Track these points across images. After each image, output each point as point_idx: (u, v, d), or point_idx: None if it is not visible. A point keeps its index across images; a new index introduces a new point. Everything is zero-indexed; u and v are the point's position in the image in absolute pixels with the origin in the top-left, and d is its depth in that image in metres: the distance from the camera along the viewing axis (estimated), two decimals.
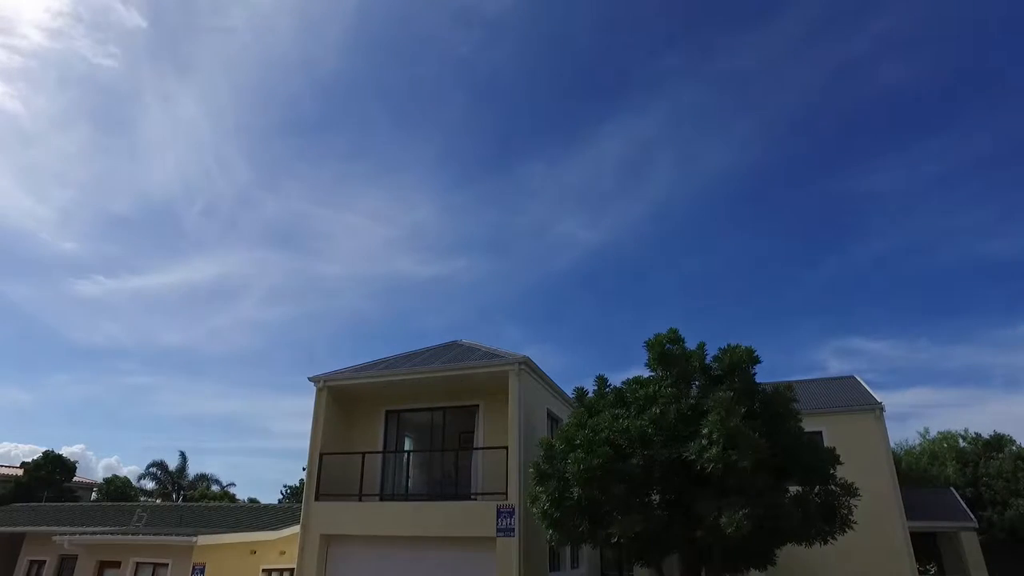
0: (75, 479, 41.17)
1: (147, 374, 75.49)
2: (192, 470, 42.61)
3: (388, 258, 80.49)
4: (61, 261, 67.21)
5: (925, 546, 20.38)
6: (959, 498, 20.42)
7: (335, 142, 67.78)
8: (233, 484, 43.71)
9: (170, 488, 41.98)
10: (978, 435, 26.48)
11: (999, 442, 25.08)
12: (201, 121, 63.17)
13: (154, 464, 41.89)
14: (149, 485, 42.36)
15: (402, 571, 13.45)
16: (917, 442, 30.28)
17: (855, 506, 10.47)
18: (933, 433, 30.09)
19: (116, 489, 41.76)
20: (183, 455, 42.35)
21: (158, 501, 37.82)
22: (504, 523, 12.44)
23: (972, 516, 19.32)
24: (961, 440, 27.38)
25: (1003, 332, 57.26)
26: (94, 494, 42.29)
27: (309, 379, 15.78)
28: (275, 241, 75.43)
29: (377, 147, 68.53)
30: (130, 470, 50.26)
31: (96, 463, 72.04)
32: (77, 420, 74.81)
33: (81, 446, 69.94)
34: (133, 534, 19.74)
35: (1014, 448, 23.22)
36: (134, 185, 66.57)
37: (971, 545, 18.81)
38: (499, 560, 12.31)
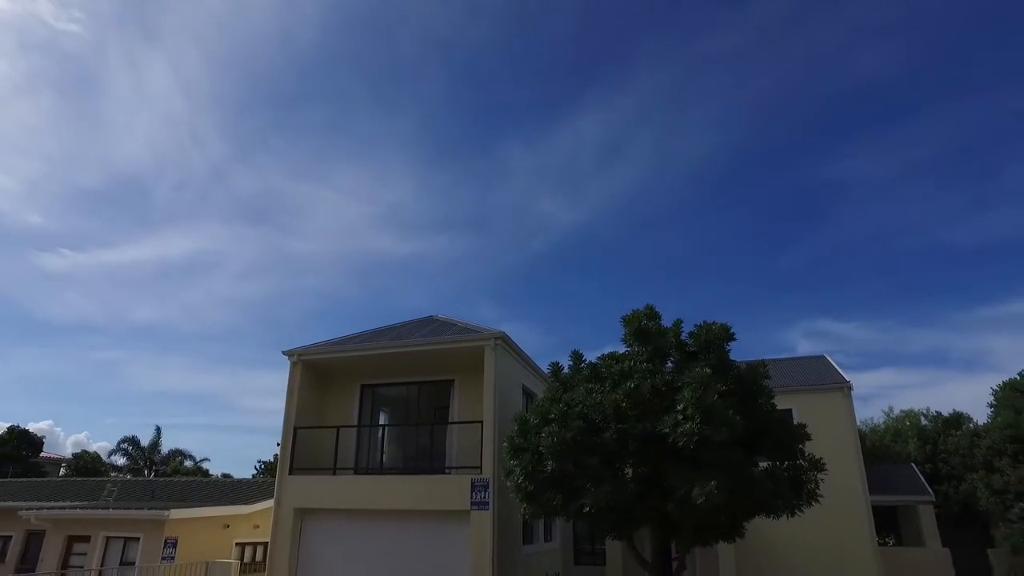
0: (42, 454, 40.46)
1: (117, 349, 74.23)
2: (165, 446, 42.16)
3: (366, 235, 79.57)
4: (26, 234, 65.14)
5: (885, 519, 21.12)
6: (918, 473, 21.13)
7: (312, 117, 66.36)
8: (207, 459, 43.41)
9: (142, 464, 41.46)
10: (938, 414, 27.37)
11: (957, 420, 25.96)
12: (172, 93, 61.19)
13: (125, 440, 41.29)
14: (120, 461, 41.79)
15: (376, 544, 13.50)
16: (881, 420, 31.25)
17: (822, 480, 10.74)
18: (897, 412, 31.08)
19: (85, 465, 41.14)
20: (158, 429, 41.84)
21: (129, 477, 37.36)
22: (478, 496, 12.53)
23: (930, 490, 20.03)
24: (923, 418, 28.27)
25: (963, 316, 59.12)
26: (62, 469, 41.63)
27: (283, 353, 15.59)
28: (251, 216, 73.99)
29: (355, 123, 67.31)
30: (100, 446, 49.44)
31: (64, 439, 70.73)
32: (44, 396, 73.33)
33: (48, 422, 68.49)
34: (103, 508, 19.49)
35: (971, 426, 24.05)
36: (103, 157, 64.57)
37: (927, 517, 19.53)
38: (473, 533, 12.42)
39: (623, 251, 73.32)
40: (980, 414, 30.56)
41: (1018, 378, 18.22)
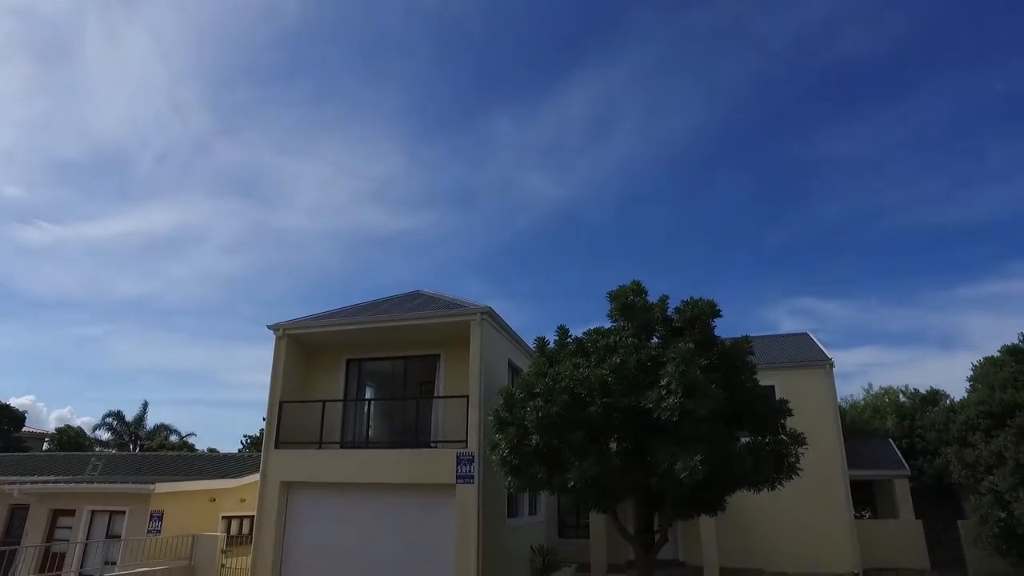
0: (24, 429, 40.09)
1: (101, 324, 73.37)
2: (150, 421, 41.96)
3: (352, 210, 78.80)
4: (2, 206, 63.74)
5: (862, 492, 21.63)
6: (895, 448, 21.62)
7: (298, 89, 65.12)
8: (193, 434, 43.27)
9: (127, 439, 41.26)
10: (916, 391, 27.95)
11: (934, 397, 26.54)
12: (154, 63, 59.69)
13: (110, 414, 41.01)
14: (104, 436, 41.53)
15: (363, 517, 13.61)
16: (861, 397, 31.85)
17: (802, 455, 10.92)
18: (876, 389, 31.68)
19: (69, 439, 40.83)
20: (145, 404, 41.59)
21: (114, 451, 37.21)
22: (464, 470, 12.63)
23: (905, 465, 20.52)
24: (901, 395, 28.86)
25: (942, 295, 60.11)
26: (46, 444, 41.33)
27: (268, 327, 15.49)
28: (235, 190, 72.91)
29: (342, 97, 66.21)
30: (84, 421, 49.09)
31: (47, 414, 70.23)
32: (25, 371, 72.45)
33: (31, 397, 67.82)
34: (88, 482, 19.42)
35: (947, 402, 24.57)
36: (82, 127, 63.05)
37: (902, 491, 20.05)
38: (458, 506, 12.55)
39: (609, 227, 73.38)
40: (957, 391, 31.31)
41: (997, 355, 18.57)
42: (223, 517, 19.62)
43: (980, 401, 17.72)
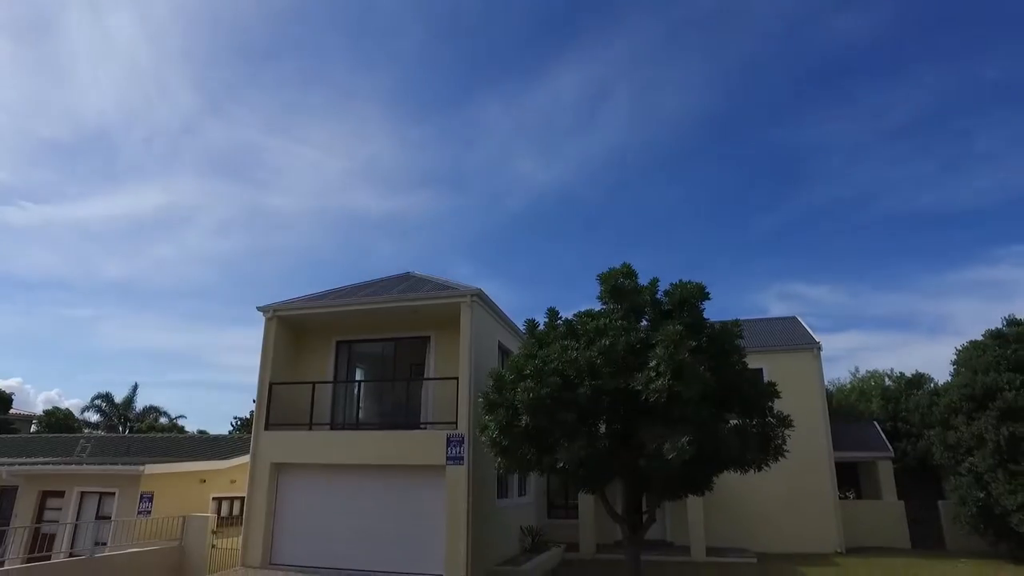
0: (11, 411, 39.86)
1: (88, 306, 72.67)
2: (139, 403, 41.83)
3: (342, 192, 78.17)
4: None
5: (847, 474, 21.98)
6: (880, 431, 21.95)
7: (286, 70, 64.09)
8: (183, 416, 43.20)
9: (116, 421, 41.14)
10: (902, 374, 28.29)
11: (919, 381, 26.88)
12: (138, 41, 58.51)
13: (99, 396, 40.81)
14: (94, 418, 41.37)
15: (353, 498, 13.67)
16: (848, 380, 32.23)
17: (789, 437, 11.04)
18: (862, 372, 32.07)
19: (58, 421, 40.69)
20: (135, 386, 41.44)
21: (103, 433, 37.12)
22: (454, 452, 12.69)
23: (889, 447, 20.85)
24: (887, 379, 29.22)
25: (929, 280, 60.69)
26: (34, 426, 41.14)
27: (258, 309, 15.42)
28: (224, 171, 72.04)
29: (332, 78, 65.24)
30: (72, 403, 48.97)
31: (35, 396, 69.91)
32: (12, 352, 71.69)
33: (17, 380, 67.32)
34: (77, 464, 19.38)
35: (931, 386, 24.91)
36: (65, 107, 61.89)
37: (886, 472, 20.40)
38: (448, 487, 12.63)
39: (599, 211, 73.29)
40: (941, 375, 31.73)
41: (979, 339, 18.81)
42: (213, 498, 19.67)
43: (963, 384, 17.98)
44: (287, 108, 66.48)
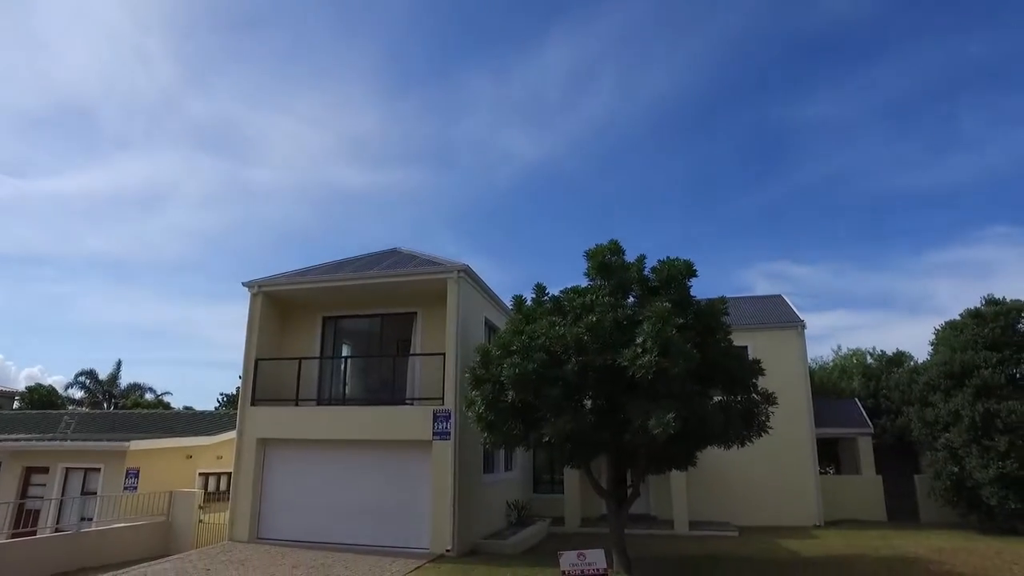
0: None
1: (70, 282, 71.63)
2: (124, 380, 41.54)
3: (327, 166, 77.19)
4: None
5: (828, 449, 22.41)
6: (861, 408, 22.33)
7: (269, 41, 62.73)
8: (168, 393, 43.01)
9: (101, 397, 40.87)
10: (883, 352, 28.77)
11: (900, 359, 27.35)
12: (113, 8, 56.79)
13: (83, 373, 40.51)
14: (78, 394, 41.10)
15: (340, 473, 13.73)
16: (830, 358, 32.71)
17: (772, 413, 11.20)
18: (844, 350, 32.55)
19: (41, 398, 40.33)
20: (119, 363, 41.12)
21: (87, 410, 36.87)
22: (440, 427, 12.76)
23: (869, 423, 21.24)
24: (868, 357, 29.70)
25: (911, 260, 61.45)
26: (16, 403, 40.75)
27: (243, 284, 15.28)
28: (206, 144, 70.77)
29: (315, 49, 63.97)
30: (55, 380, 48.35)
31: (16, 373, 69.05)
32: None
33: None
34: (61, 440, 19.27)
35: (911, 364, 25.36)
36: (41, 78, 60.16)
37: (865, 448, 20.81)
38: (435, 462, 12.71)
39: (586, 187, 73.11)
40: (921, 353, 32.23)
41: (958, 319, 19.10)
42: (200, 474, 19.69)
43: (942, 362, 18.31)
44: (268, 80, 65.22)
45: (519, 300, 11.75)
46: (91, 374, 40.41)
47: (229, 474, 15.80)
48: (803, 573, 11.19)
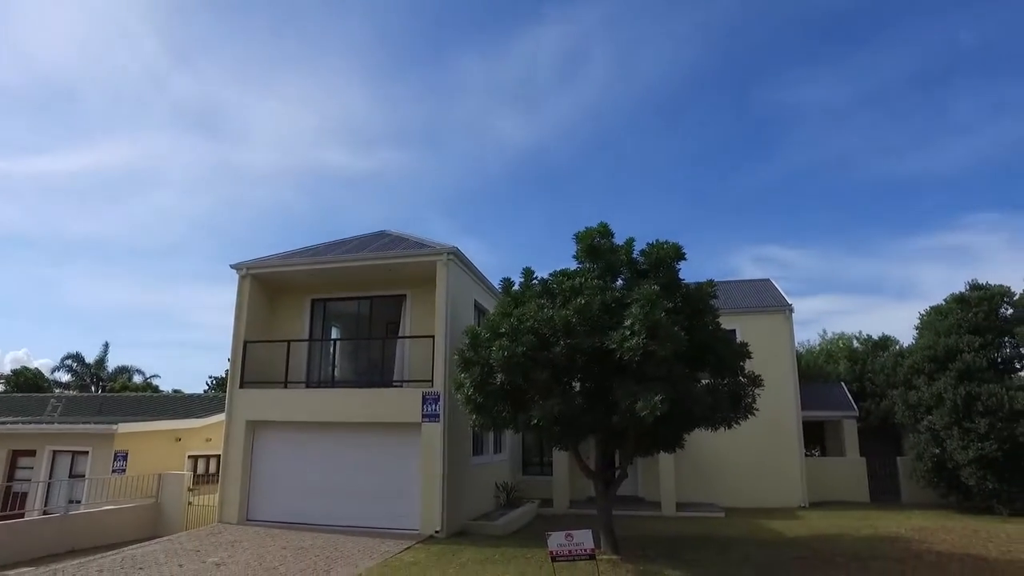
0: None
1: (55, 264, 70.71)
2: (112, 363, 41.26)
3: (315, 148, 76.37)
4: None
5: (814, 432, 22.72)
6: (846, 391, 22.63)
7: (256, 20, 61.64)
8: (157, 376, 42.77)
9: (88, 380, 40.60)
10: (869, 337, 29.10)
11: (885, 343, 27.69)
12: None
13: (69, 356, 40.16)
14: (65, 377, 40.79)
15: (329, 456, 13.76)
16: (817, 342, 33.03)
17: (759, 396, 11.32)
18: (831, 335, 32.87)
19: (26, 381, 40.02)
20: (105, 345, 40.80)
21: (74, 393, 36.63)
22: (429, 409, 12.79)
23: (855, 406, 21.55)
24: (855, 341, 30.03)
25: (898, 245, 61.96)
26: (1, 386, 40.44)
27: (231, 266, 15.17)
28: (192, 125, 69.78)
29: (303, 29, 62.94)
30: (41, 363, 48.02)
31: (1, 356, 68.27)
32: None
33: None
34: (48, 422, 19.15)
35: (896, 348, 25.67)
36: (20, 55, 58.84)
37: (850, 431, 21.12)
38: (424, 445, 12.76)
39: (576, 170, 72.93)
40: (907, 338, 32.64)
41: (943, 303, 19.33)
42: (189, 456, 19.67)
43: (926, 347, 18.55)
44: (256, 60, 64.21)
45: (508, 283, 11.74)
46: (78, 357, 40.10)
47: (218, 456, 15.79)
48: (786, 552, 11.38)
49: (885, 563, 10.30)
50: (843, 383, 23.75)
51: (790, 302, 20.54)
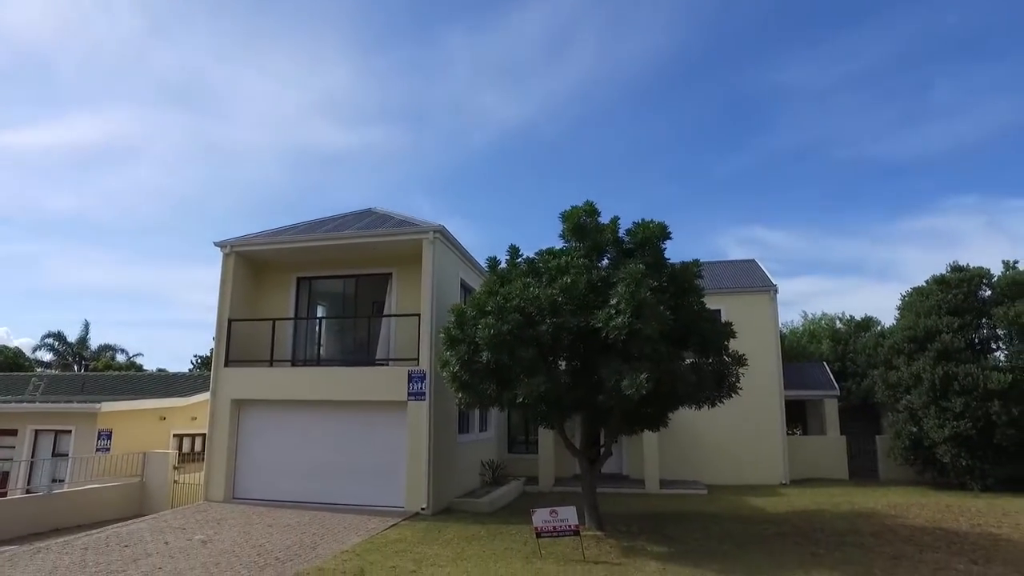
0: None
1: (33, 242, 69.43)
2: (94, 342, 40.82)
3: (299, 125, 75.23)
4: None
5: (796, 411, 23.10)
6: (828, 371, 22.97)
7: None
8: (140, 355, 42.43)
9: (70, 359, 40.20)
10: (851, 317, 29.46)
11: (867, 323, 28.06)
12: None
13: (50, 335, 39.69)
14: (46, 357, 40.35)
15: (315, 434, 13.76)
16: (800, 323, 33.42)
17: (743, 375, 11.44)
18: (814, 315, 33.26)
19: (6, 360, 39.48)
20: (86, 324, 40.34)
21: (56, 372, 36.25)
22: (415, 387, 12.81)
23: (836, 386, 21.89)
24: (837, 321, 30.39)
25: (881, 228, 62.59)
26: None
27: (215, 244, 14.98)
28: (172, 100, 68.38)
29: (286, 1, 61.56)
30: (22, 342, 47.25)
31: None
32: None
33: None
34: (30, 402, 18.98)
35: (878, 329, 26.04)
36: None
37: (831, 410, 21.49)
38: (410, 423, 12.80)
39: (563, 149, 72.62)
40: (889, 318, 33.12)
41: (924, 285, 19.60)
42: (174, 435, 19.61)
43: (906, 327, 18.84)
44: (237, 34, 62.84)
45: (493, 262, 11.72)
46: (59, 336, 39.65)
47: (204, 435, 15.74)
48: (767, 528, 11.62)
49: (861, 537, 10.55)
50: (825, 363, 24.08)
51: (774, 283, 20.72)
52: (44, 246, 69.79)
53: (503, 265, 11.54)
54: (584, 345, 10.03)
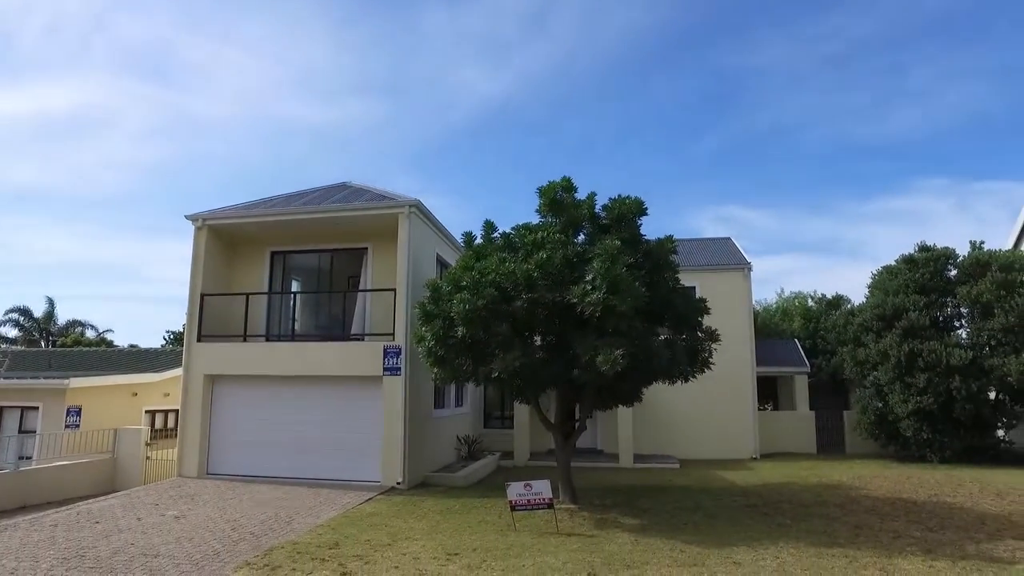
0: None
1: None
2: (63, 317, 39.92)
3: (275, 98, 73.47)
4: None
5: (768, 387, 23.60)
6: (799, 348, 23.46)
7: None
8: (110, 331, 41.66)
9: (37, 335, 39.28)
10: (823, 296, 30.00)
11: (838, 302, 28.60)
12: None
13: (15, 309, 38.73)
14: (12, 333, 39.41)
15: (289, 409, 13.68)
16: (773, 300, 33.97)
17: (716, 351, 11.61)
18: (787, 293, 33.83)
19: None
20: (50, 300, 39.37)
21: (22, 348, 35.39)
22: (391, 363, 12.78)
23: (807, 362, 22.39)
24: (809, 300, 30.95)
25: (853, 208, 63.66)
26: None
27: (186, 217, 14.64)
28: (141, 71, 66.16)
29: None
30: None
31: None
32: None
33: None
34: None
35: (848, 307, 26.59)
36: None
37: (801, 386, 22.01)
38: (385, 398, 12.79)
39: (541, 126, 72.13)
40: (859, 296, 33.82)
41: (893, 264, 20.02)
42: (147, 411, 19.39)
43: (875, 305, 19.27)
44: (214, 4, 60.77)
45: (469, 237, 11.65)
46: (25, 311, 38.71)
47: (177, 411, 15.57)
48: (737, 500, 11.92)
49: (826, 508, 10.88)
50: (797, 340, 24.57)
51: (749, 260, 20.97)
52: (8, 219, 67.64)
53: (479, 240, 11.48)
54: (559, 320, 10.07)
